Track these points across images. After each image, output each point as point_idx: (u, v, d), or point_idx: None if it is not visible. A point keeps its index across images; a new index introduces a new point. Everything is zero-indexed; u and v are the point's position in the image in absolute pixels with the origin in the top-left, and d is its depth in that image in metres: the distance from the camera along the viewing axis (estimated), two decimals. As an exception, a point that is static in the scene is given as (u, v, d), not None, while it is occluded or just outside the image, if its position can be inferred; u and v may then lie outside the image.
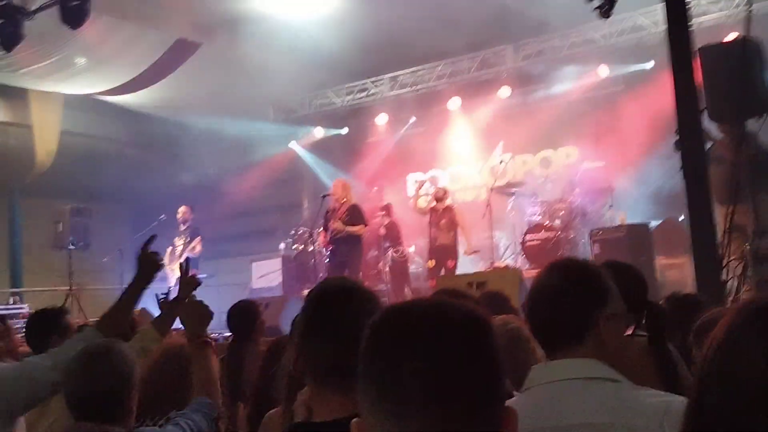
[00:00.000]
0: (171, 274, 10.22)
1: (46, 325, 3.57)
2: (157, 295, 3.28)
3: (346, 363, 1.43)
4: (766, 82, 5.57)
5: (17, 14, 7.76)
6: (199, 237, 10.27)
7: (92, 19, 7.53)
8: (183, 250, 10.17)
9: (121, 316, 2.97)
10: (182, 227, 10.34)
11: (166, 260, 10.29)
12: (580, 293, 1.84)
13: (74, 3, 7.34)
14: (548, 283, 1.89)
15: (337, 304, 1.73)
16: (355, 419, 1.11)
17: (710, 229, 4.78)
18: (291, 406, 1.89)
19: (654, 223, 8.96)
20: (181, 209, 10.40)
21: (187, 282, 3.05)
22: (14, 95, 10.90)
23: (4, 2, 7.73)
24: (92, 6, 7.39)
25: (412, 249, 10.93)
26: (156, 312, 3.37)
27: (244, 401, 3.60)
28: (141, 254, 3.00)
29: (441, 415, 1.01)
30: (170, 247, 10.30)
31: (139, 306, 6.13)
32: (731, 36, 7.10)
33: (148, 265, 3.01)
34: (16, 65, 9.14)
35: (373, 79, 12.22)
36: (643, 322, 2.31)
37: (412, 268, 10.95)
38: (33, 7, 7.82)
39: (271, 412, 2.08)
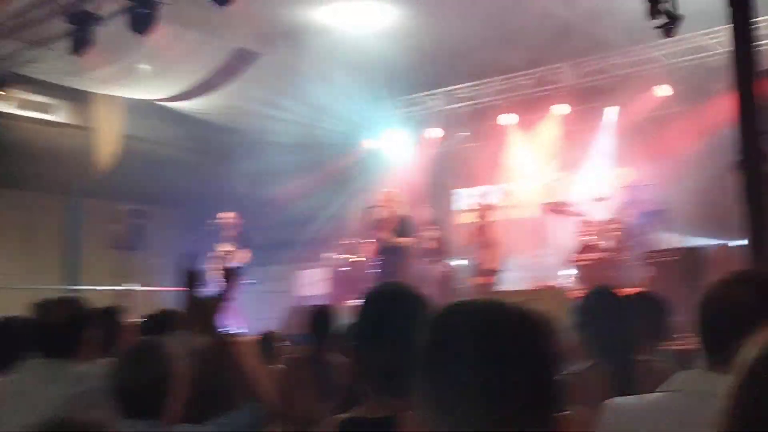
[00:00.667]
0: (212, 279, 10.33)
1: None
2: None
3: (400, 364, 1.46)
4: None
5: (89, 20, 8.04)
6: (246, 249, 10.27)
7: (158, 26, 7.75)
8: (229, 257, 10.25)
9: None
10: (231, 233, 10.37)
11: (207, 265, 10.43)
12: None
13: (143, 10, 7.57)
14: (737, 298, 1.79)
15: (392, 306, 1.75)
16: (409, 412, 1.14)
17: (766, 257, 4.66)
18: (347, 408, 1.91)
19: (708, 247, 8.77)
20: (229, 215, 10.45)
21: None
22: (78, 98, 11.25)
23: (77, 9, 8.01)
24: (160, 14, 7.62)
25: (461, 262, 10.85)
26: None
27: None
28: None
29: (492, 410, 1.01)
30: (215, 253, 10.40)
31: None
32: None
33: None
34: (82, 69, 9.45)
35: (428, 92, 12.25)
36: None
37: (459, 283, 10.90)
38: (104, 14, 8.09)
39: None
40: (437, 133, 12.71)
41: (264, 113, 10.80)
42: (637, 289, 5.59)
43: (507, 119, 11.95)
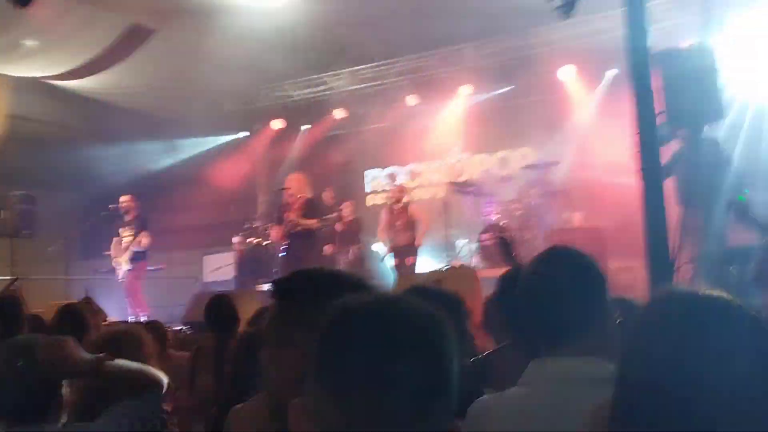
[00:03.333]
0: (118, 266, 9.95)
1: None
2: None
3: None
4: (720, 89, 5.65)
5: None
6: (144, 232, 9.88)
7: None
8: (129, 244, 9.86)
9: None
10: (126, 218, 9.96)
11: (112, 252, 10.01)
12: (586, 283, 1.77)
13: (24, -18, 7.06)
14: (548, 273, 1.81)
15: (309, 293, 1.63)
16: (295, 400, 1.13)
17: (664, 233, 4.80)
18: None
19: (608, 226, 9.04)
20: (124, 198, 9.98)
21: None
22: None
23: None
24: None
25: (376, 244, 10.79)
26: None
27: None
28: None
29: (379, 401, 1.03)
30: (116, 238, 9.98)
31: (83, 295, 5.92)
32: (687, 41, 7.18)
33: None
34: (-39, 44, 8.80)
35: (331, 72, 12.08)
36: None
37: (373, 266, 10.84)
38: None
39: (237, 406, 2.00)
40: (341, 114, 12.57)
41: (162, 92, 10.37)
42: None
43: (411, 100, 11.93)
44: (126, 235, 9.88)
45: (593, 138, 9.96)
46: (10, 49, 9.28)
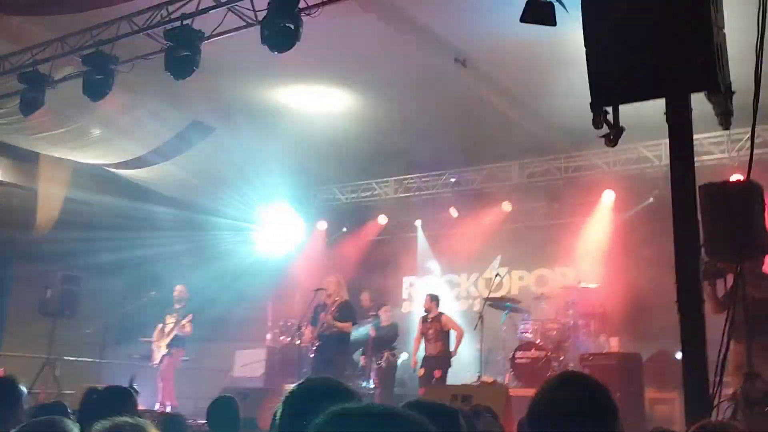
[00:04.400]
0: (156, 351, 10.06)
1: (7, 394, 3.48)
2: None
3: None
4: (763, 226, 5.65)
5: (41, 81, 7.96)
6: (190, 316, 10.10)
7: (112, 93, 7.72)
8: (173, 328, 10.03)
9: None
10: (177, 306, 10.20)
11: (154, 337, 10.16)
12: (596, 410, 1.80)
13: (98, 76, 7.54)
14: (561, 397, 1.84)
15: (319, 405, 1.68)
16: None
17: (703, 368, 4.71)
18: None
19: (646, 354, 8.84)
20: (178, 288, 10.28)
21: None
22: (24, 158, 11.02)
23: (30, 69, 7.94)
24: (114, 81, 7.59)
25: (403, 356, 10.71)
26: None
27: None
28: None
29: None
30: (161, 325, 10.19)
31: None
32: (733, 177, 7.24)
33: None
34: (31, 129, 9.29)
35: (378, 180, 12.40)
36: None
37: (402, 374, 10.69)
38: (58, 77, 8.02)
39: None
40: (384, 220, 12.78)
41: (214, 186, 10.74)
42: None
43: (453, 212, 12.10)
44: (170, 321, 10.06)
45: (632, 263, 9.91)
46: (77, 137, 9.78)
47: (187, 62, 6.87)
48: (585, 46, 4.36)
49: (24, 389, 3.59)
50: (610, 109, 4.64)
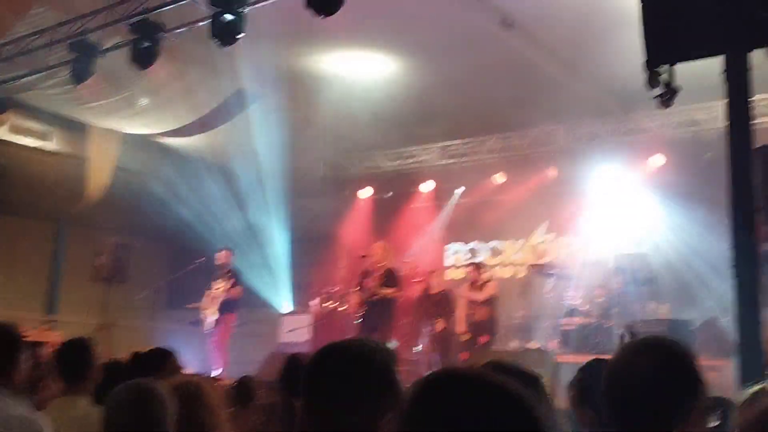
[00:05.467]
0: (207, 317, 10.23)
1: (79, 356, 3.57)
2: None
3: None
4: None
5: (91, 51, 8.06)
6: (238, 282, 10.23)
7: (159, 62, 7.79)
8: (221, 294, 10.17)
9: None
10: (220, 271, 10.32)
11: (202, 303, 10.32)
12: (678, 381, 1.73)
13: (145, 45, 7.61)
14: (640, 366, 1.76)
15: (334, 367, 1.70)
16: None
17: (757, 334, 4.60)
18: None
19: (697, 321, 8.70)
20: (222, 254, 10.41)
21: None
22: (74, 128, 11.23)
23: (79, 39, 8.04)
24: (161, 49, 7.66)
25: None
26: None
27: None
28: None
29: None
30: (208, 290, 10.32)
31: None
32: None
33: None
34: (81, 99, 9.45)
35: (422, 146, 12.32)
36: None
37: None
38: (106, 45, 8.12)
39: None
40: (429, 186, 12.72)
41: (259, 154, 10.80)
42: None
43: (499, 178, 11.97)
44: (218, 287, 10.20)
45: (684, 228, 9.70)
46: (125, 106, 9.92)
47: (232, 29, 6.88)
48: (641, 2, 4.22)
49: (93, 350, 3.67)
50: (663, 69, 4.52)
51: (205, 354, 10.12)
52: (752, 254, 4.70)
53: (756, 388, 2.48)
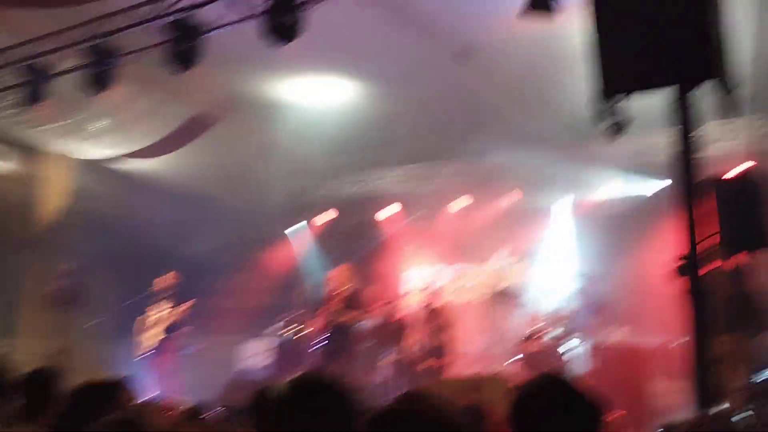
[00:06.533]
0: (148, 340, 10.07)
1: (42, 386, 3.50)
2: None
3: None
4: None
5: (42, 74, 7.93)
6: (182, 303, 10.09)
7: (115, 85, 7.69)
8: (169, 315, 10.02)
9: None
10: (164, 294, 10.17)
11: (142, 327, 10.13)
12: (577, 412, 1.92)
13: (101, 68, 7.50)
14: (542, 398, 1.96)
15: (311, 403, 1.73)
16: None
17: (710, 358, 4.67)
18: None
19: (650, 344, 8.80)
20: (168, 276, 10.26)
21: None
22: (28, 150, 11.04)
23: (31, 62, 7.91)
24: (117, 73, 7.56)
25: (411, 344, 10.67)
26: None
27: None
28: None
29: None
30: (146, 316, 10.15)
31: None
32: (745, 164, 7.18)
33: None
34: (35, 122, 9.30)
35: (383, 170, 12.33)
36: None
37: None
38: (59, 69, 7.99)
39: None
40: (391, 211, 12.73)
41: (215, 180, 10.72)
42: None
43: (462, 201, 12.03)
44: (161, 309, 10.01)
45: (643, 253, 9.84)
46: (79, 129, 9.77)
47: (187, 56, 6.82)
48: (597, 32, 4.29)
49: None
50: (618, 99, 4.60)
51: (160, 379, 9.94)
52: (704, 282, 4.77)
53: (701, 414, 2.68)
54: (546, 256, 11.53)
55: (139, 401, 6.41)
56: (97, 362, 11.03)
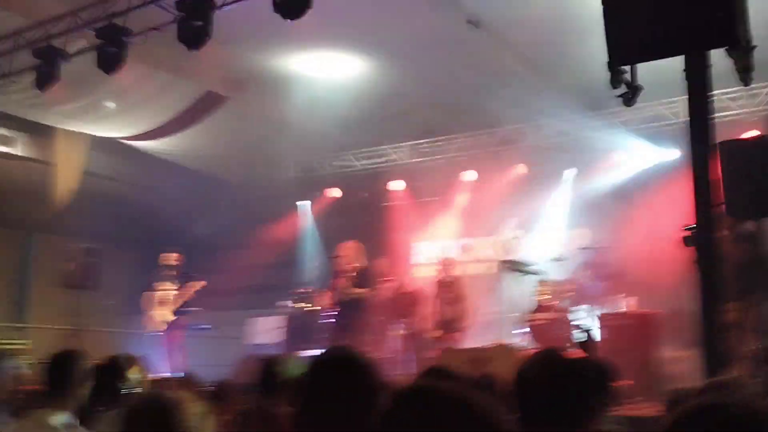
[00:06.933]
0: (157, 318, 10.17)
1: (65, 369, 3.54)
2: None
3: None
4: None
5: (56, 56, 7.99)
6: (190, 282, 10.17)
7: (126, 65, 7.74)
8: (179, 296, 10.10)
9: None
10: (168, 272, 10.24)
11: (148, 305, 10.24)
12: (575, 388, 1.99)
13: (111, 49, 7.56)
14: (543, 376, 2.02)
15: (337, 376, 1.76)
16: None
17: (719, 324, 4.75)
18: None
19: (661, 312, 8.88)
20: (172, 255, 10.29)
21: None
22: (41, 132, 11.10)
23: (44, 44, 7.96)
24: (128, 53, 7.61)
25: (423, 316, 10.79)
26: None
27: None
28: None
29: None
30: (153, 292, 10.24)
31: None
32: (751, 133, 7.19)
33: None
34: (47, 104, 9.35)
35: (392, 145, 12.38)
36: None
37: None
38: (71, 50, 8.05)
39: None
40: (399, 185, 12.79)
41: (229, 156, 10.78)
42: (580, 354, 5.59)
43: (468, 175, 12.09)
44: (167, 288, 10.12)
45: (651, 222, 9.89)
46: (91, 109, 9.83)
47: (200, 32, 6.87)
48: (603, 3, 4.32)
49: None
50: (627, 68, 4.64)
51: (172, 357, 10.07)
52: (713, 247, 4.85)
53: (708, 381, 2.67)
54: (554, 227, 11.60)
55: (153, 379, 6.54)
56: (110, 342, 11.20)
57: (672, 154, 10.15)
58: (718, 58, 4.38)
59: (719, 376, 4.80)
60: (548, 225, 11.66)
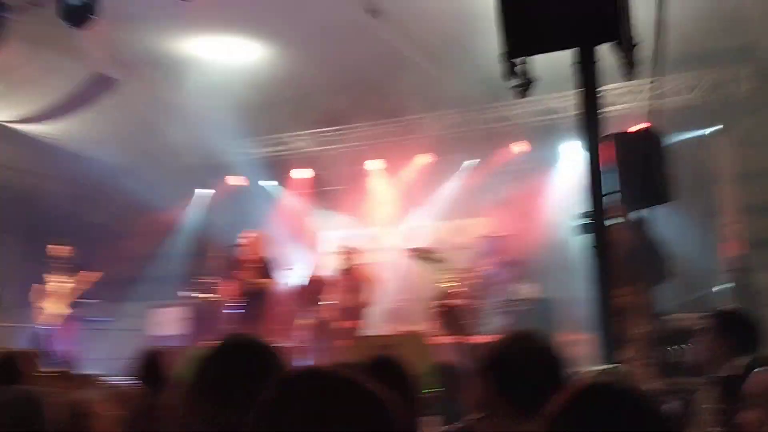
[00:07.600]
0: (48, 311, 9.73)
1: None
2: None
3: (237, 422, 1.42)
4: (665, 173, 5.88)
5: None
6: (88, 273, 9.78)
7: (8, 44, 7.28)
8: (73, 288, 9.69)
9: None
10: (58, 264, 9.83)
11: (38, 297, 9.78)
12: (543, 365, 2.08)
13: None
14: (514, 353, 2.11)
15: (235, 363, 1.71)
16: None
17: (611, 309, 4.88)
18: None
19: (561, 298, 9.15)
20: (64, 248, 9.90)
21: None
22: None
23: None
24: (8, 31, 7.14)
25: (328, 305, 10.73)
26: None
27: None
28: None
29: None
30: (43, 285, 9.79)
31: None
32: (639, 126, 7.46)
33: None
34: None
35: (295, 133, 12.19)
36: None
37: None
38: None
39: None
40: (302, 174, 12.64)
41: (120, 143, 10.34)
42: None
43: (373, 164, 12.07)
44: (63, 281, 9.65)
45: (546, 211, 10.17)
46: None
47: (82, 11, 6.50)
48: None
49: None
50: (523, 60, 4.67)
51: (67, 351, 9.65)
52: (606, 237, 4.97)
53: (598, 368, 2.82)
54: (457, 215, 11.75)
55: (43, 373, 6.22)
56: (3, 335, 10.62)
57: (567, 145, 10.44)
58: (607, 54, 4.49)
59: (613, 357, 4.97)
60: (450, 214, 11.80)
